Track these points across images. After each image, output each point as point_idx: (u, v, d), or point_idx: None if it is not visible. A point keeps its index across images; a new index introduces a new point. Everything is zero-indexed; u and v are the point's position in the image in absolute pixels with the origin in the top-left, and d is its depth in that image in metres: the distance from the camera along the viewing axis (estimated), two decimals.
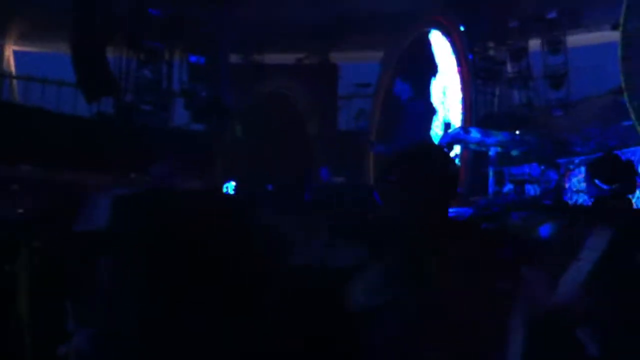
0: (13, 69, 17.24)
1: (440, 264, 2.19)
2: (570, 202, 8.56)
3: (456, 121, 11.43)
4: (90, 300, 2.62)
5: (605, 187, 2.23)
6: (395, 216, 2.25)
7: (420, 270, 2.20)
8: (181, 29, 13.80)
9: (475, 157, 7.19)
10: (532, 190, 7.64)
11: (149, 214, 2.32)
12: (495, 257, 2.25)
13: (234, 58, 16.53)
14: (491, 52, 13.91)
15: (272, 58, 17.61)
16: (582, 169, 9.49)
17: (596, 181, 2.23)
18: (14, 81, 17.14)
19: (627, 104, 9.91)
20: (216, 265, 2.32)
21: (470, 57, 12.43)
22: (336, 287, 2.25)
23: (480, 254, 2.24)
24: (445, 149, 5.38)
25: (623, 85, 10.08)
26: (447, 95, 12.18)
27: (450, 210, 2.78)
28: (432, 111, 7.06)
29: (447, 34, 13.01)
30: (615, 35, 10.62)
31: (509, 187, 7.97)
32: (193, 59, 13.64)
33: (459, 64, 12.40)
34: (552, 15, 13.35)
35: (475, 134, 6.40)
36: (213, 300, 2.30)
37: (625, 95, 9.99)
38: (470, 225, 2.46)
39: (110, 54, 13.36)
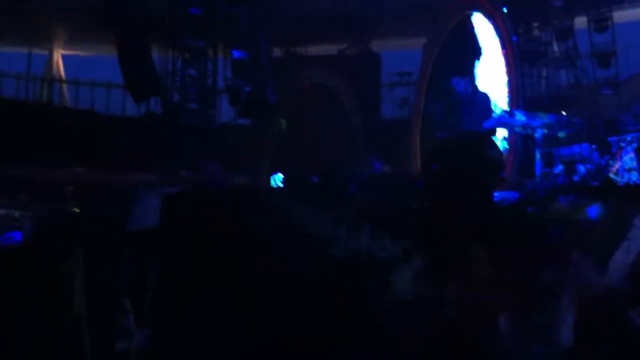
0: (62, 73, 17.70)
1: (484, 251, 2.20)
2: (621, 181, 8.37)
3: (503, 105, 11.28)
4: (146, 299, 2.70)
5: None
6: (438, 206, 2.26)
7: (466, 259, 2.21)
8: (222, 26, 13.95)
9: (522, 140, 7.08)
10: (584, 169, 7.48)
11: (197, 211, 2.38)
12: (541, 241, 2.24)
13: (275, 52, 16.61)
14: (536, 33, 13.67)
15: (313, 50, 17.63)
16: (633, 146, 9.27)
17: None
18: (64, 85, 17.60)
19: None
20: (255, 261, 2.37)
21: (514, 39, 12.22)
22: (381, 278, 2.28)
23: (526, 238, 2.24)
24: (489, 134, 5.32)
25: None
26: (493, 79, 12.01)
27: (497, 194, 2.78)
28: (490, 102, 7.02)
29: (489, 16, 12.81)
30: None
31: (559, 167, 7.83)
32: (236, 54, 13.77)
33: (504, 47, 12.20)
34: None
35: (520, 116, 6.30)
36: (257, 296, 2.34)
37: None
38: (515, 210, 2.45)
39: (155, 54, 13.62)
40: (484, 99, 6.76)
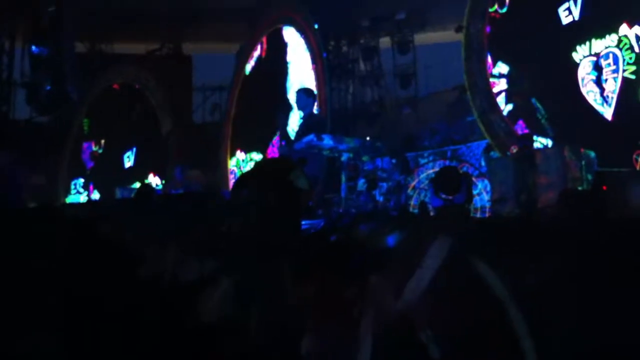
0: None
1: (289, 275, 2.21)
2: (415, 201, 8.99)
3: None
4: None
5: (446, 197, 2.34)
6: (246, 229, 2.25)
7: (272, 282, 2.21)
8: (21, 18, 12.97)
9: (329, 162, 7.37)
10: (385, 187, 7.94)
11: None
12: (344, 266, 2.29)
13: (80, 47, 15.76)
14: (344, 50, 14.26)
15: (121, 48, 16.98)
16: (431, 165, 10.00)
17: (440, 193, 2.33)
18: None
19: (470, 102, 10.50)
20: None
21: (324, 55, 12.62)
22: (187, 301, 2.21)
23: (329, 263, 2.29)
24: (300, 163, 5.44)
25: (466, 84, 10.67)
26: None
27: (305, 222, 2.83)
28: (324, 125, 7.21)
29: (301, 31, 13.14)
30: (458, 36, 11.22)
31: (361, 181, 8.20)
32: (35, 49, 12.84)
33: (314, 62, 12.57)
34: (401, 16, 13.91)
35: (328, 140, 6.54)
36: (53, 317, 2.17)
37: (468, 93, 10.58)
38: (319, 237, 2.51)
39: None
40: (320, 121, 6.95)
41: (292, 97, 11.82)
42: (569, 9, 8.98)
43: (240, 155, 14.73)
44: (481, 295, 2.16)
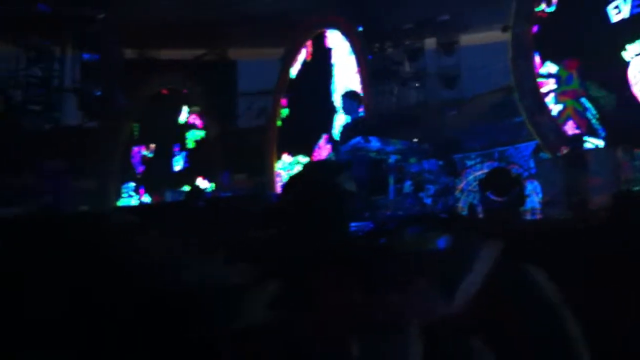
0: None
1: (337, 279, 2.20)
2: (463, 203, 8.88)
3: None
4: None
5: (496, 199, 2.30)
6: (292, 233, 2.25)
7: (319, 286, 2.20)
8: (72, 25, 13.28)
9: (375, 164, 7.36)
10: (432, 189, 7.88)
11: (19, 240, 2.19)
12: (391, 270, 2.27)
13: (128, 54, 16.05)
14: (389, 52, 14.19)
15: (169, 54, 17.25)
16: (479, 166, 9.89)
17: (488, 194, 2.30)
18: None
19: (518, 102, 10.34)
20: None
21: (369, 57, 12.60)
22: (233, 305, 2.22)
23: (378, 267, 2.27)
24: (346, 166, 5.44)
25: (513, 84, 10.51)
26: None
27: (353, 225, 2.81)
28: (369, 125, 7.21)
29: (345, 34, 13.15)
30: (503, 36, 11.07)
31: (408, 183, 8.16)
32: (86, 56, 13.14)
33: (358, 65, 12.57)
34: (444, 17, 13.79)
35: (375, 142, 6.52)
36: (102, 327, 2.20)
37: (516, 93, 10.42)
38: (368, 240, 2.49)
39: None
40: (367, 124, 6.96)
41: (337, 100, 11.83)
42: (618, 6, 8.78)
43: (286, 158, 14.81)
44: (534, 301, 2.11)
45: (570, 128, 9.09)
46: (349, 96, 7.51)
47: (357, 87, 12.29)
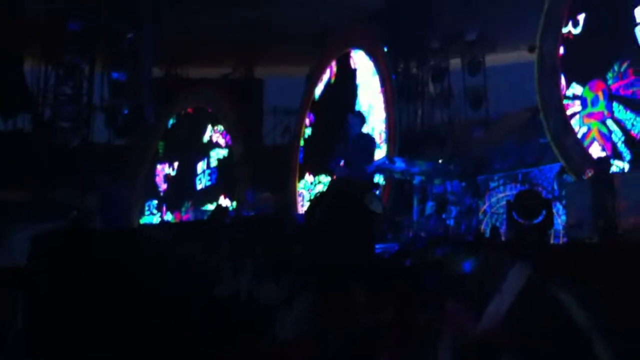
0: None
1: (365, 297, 2.22)
2: (485, 225, 8.80)
3: (380, 140, 11.60)
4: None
5: (522, 221, 2.31)
6: (321, 252, 2.27)
7: (347, 304, 2.22)
8: (102, 43, 13.51)
9: (399, 185, 7.35)
10: (455, 211, 7.85)
11: (66, 252, 2.25)
12: (419, 290, 2.28)
13: (156, 72, 16.26)
14: (414, 72, 14.21)
15: (196, 73, 17.45)
16: (502, 188, 9.82)
17: (514, 215, 2.30)
18: None
19: (543, 122, 10.28)
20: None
21: (394, 77, 12.62)
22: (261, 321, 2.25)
23: (405, 287, 2.28)
24: (373, 187, 5.44)
25: (539, 105, 10.46)
26: (371, 115, 12.32)
27: (378, 246, 2.83)
28: (374, 145, 7.16)
29: (370, 54, 13.19)
30: (529, 56, 11.03)
31: (430, 204, 8.14)
32: (115, 75, 13.34)
33: (383, 85, 12.59)
34: (471, 37, 13.79)
35: (400, 163, 6.53)
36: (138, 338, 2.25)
37: (541, 114, 10.36)
38: (394, 261, 2.51)
39: (27, 68, 12.97)
40: (370, 141, 6.95)
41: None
42: None
43: (308, 178, 14.82)
44: (562, 322, 2.12)
45: (595, 150, 9.02)
46: (354, 115, 7.52)
47: (381, 107, 12.32)
